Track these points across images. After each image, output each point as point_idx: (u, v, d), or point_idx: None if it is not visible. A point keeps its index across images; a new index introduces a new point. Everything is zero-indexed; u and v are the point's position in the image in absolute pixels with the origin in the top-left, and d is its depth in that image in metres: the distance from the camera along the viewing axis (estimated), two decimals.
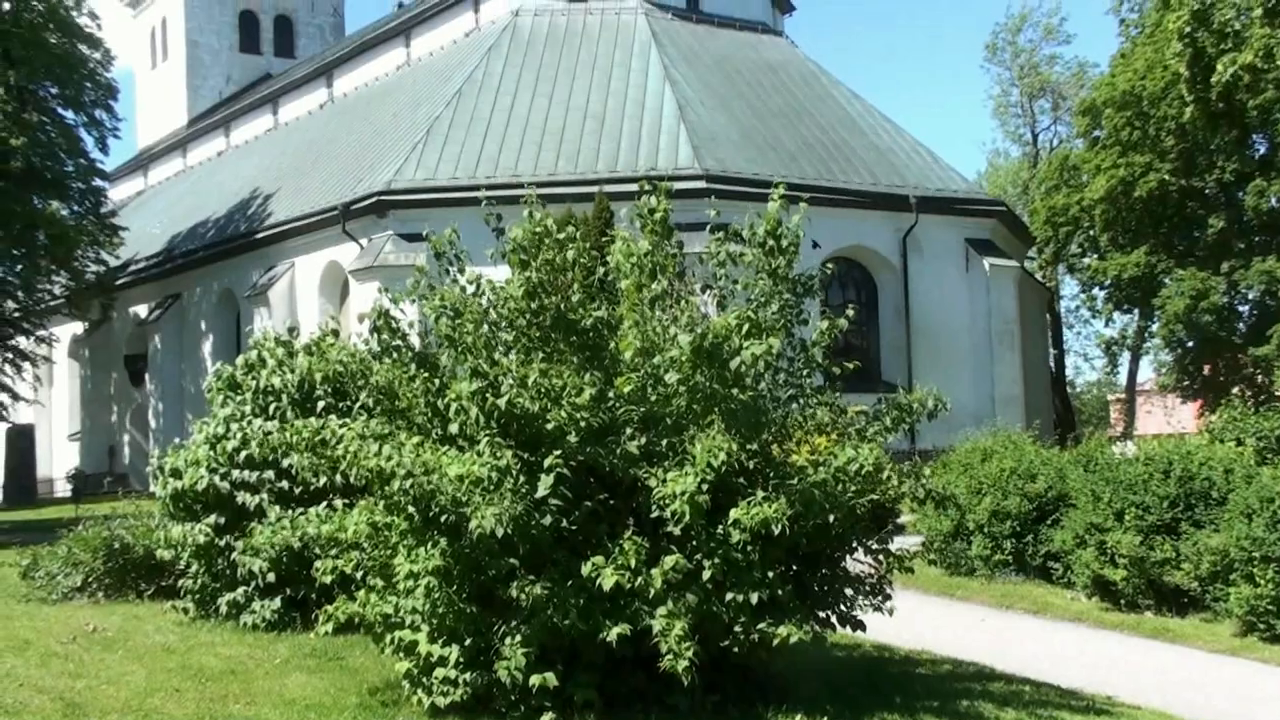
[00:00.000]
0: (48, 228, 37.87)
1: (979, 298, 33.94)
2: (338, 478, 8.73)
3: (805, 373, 9.34)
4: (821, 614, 9.16)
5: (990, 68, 55.55)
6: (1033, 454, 18.44)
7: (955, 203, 34.55)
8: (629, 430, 8.52)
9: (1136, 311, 39.61)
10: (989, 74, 54.42)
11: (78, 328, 46.20)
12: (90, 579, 14.08)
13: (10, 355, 41.20)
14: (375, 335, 9.10)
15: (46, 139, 38.86)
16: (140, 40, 64.04)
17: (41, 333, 42.60)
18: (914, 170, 34.95)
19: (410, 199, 31.22)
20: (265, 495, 11.96)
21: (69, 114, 40.27)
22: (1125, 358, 48.06)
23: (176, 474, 12.43)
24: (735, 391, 8.41)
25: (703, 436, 8.10)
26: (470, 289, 9.00)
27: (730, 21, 39.73)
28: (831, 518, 8.51)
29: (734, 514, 8.03)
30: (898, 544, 9.80)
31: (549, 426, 8.14)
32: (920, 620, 13.48)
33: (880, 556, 9.38)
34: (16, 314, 41.60)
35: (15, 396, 42.14)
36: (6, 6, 38.12)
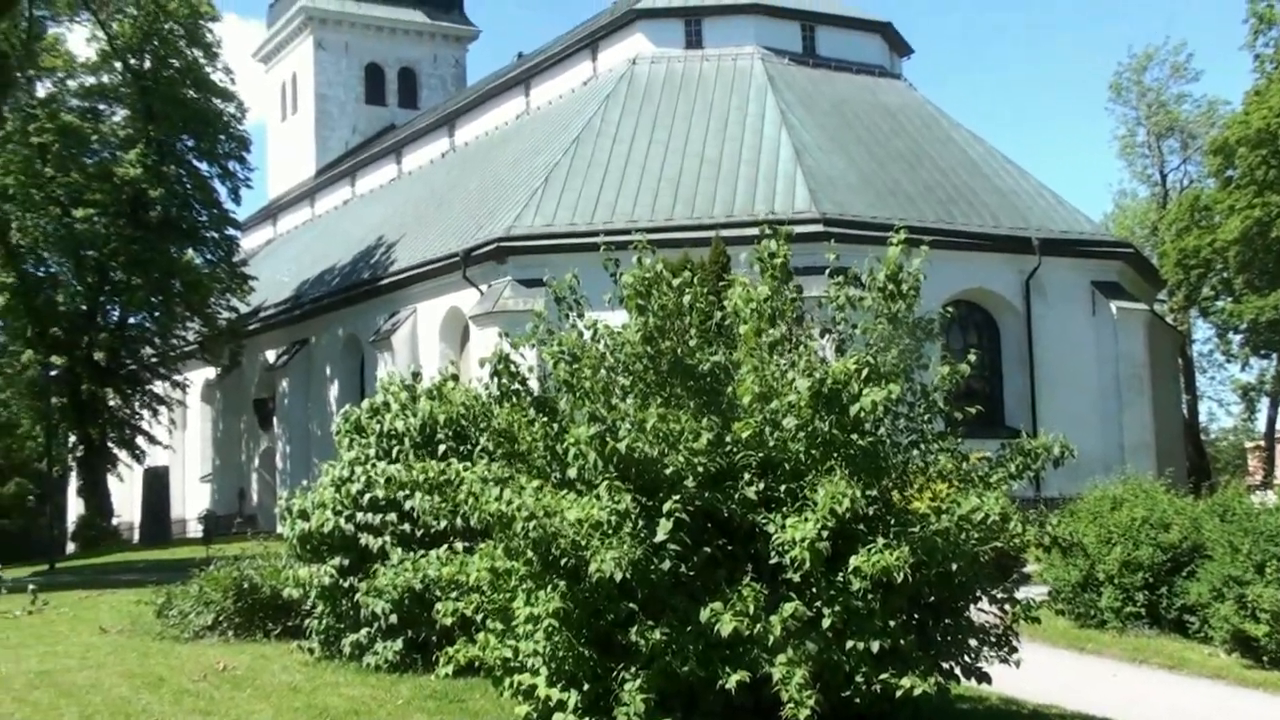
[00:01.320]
0: (183, 276, 39.34)
1: (1106, 342, 33.10)
2: (458, 520, 8.83)
3: (926, 418, 9.19)
4: (945, 665, 8.95)
5: (1115, 108, 54.46)
6: (1165, 503, 17.85)
7: (1080, 245, 33.85)
8: (747, 475, 8.46)
9: (1275, 356, 38.27)
10: (1114, 114, 53.42)
11: (210, 373, 47.63)
12: (220, 618, 14.44)
13: (147, 399, 42.71)
14: (495, 379, 9.21)
15: (183, 190, 40.46)
16: (271, 94, 66.26)
17: (176, 378, 44.16)
18: (1037, 212, 34.35)
19: (529, 245, 31.65)
20: (388, 537, 12.13)
21: (204, 166, 41.88)
22: (1264, 403, 46.42)
23: (304, 516, 12.68)
24: (855, 437, 8.31)
25: (826, 482, 8.00)
26: (588, 334, 9.06)
27: (847, 65, 39.61)
28: (955, 566, 8.33)
29: (855, 561, 7.91)
30: (1024, 594, 9.54)
31: (667, 471, 8.13)
32: (1048, 673, 13.08)
33: (1006, 606, 9.14)
34: (153, 359, 43.19)
35: (151, 440, 43.67)
36: (148, 65, 39.84)
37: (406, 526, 12.04)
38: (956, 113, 78.32)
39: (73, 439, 41.49)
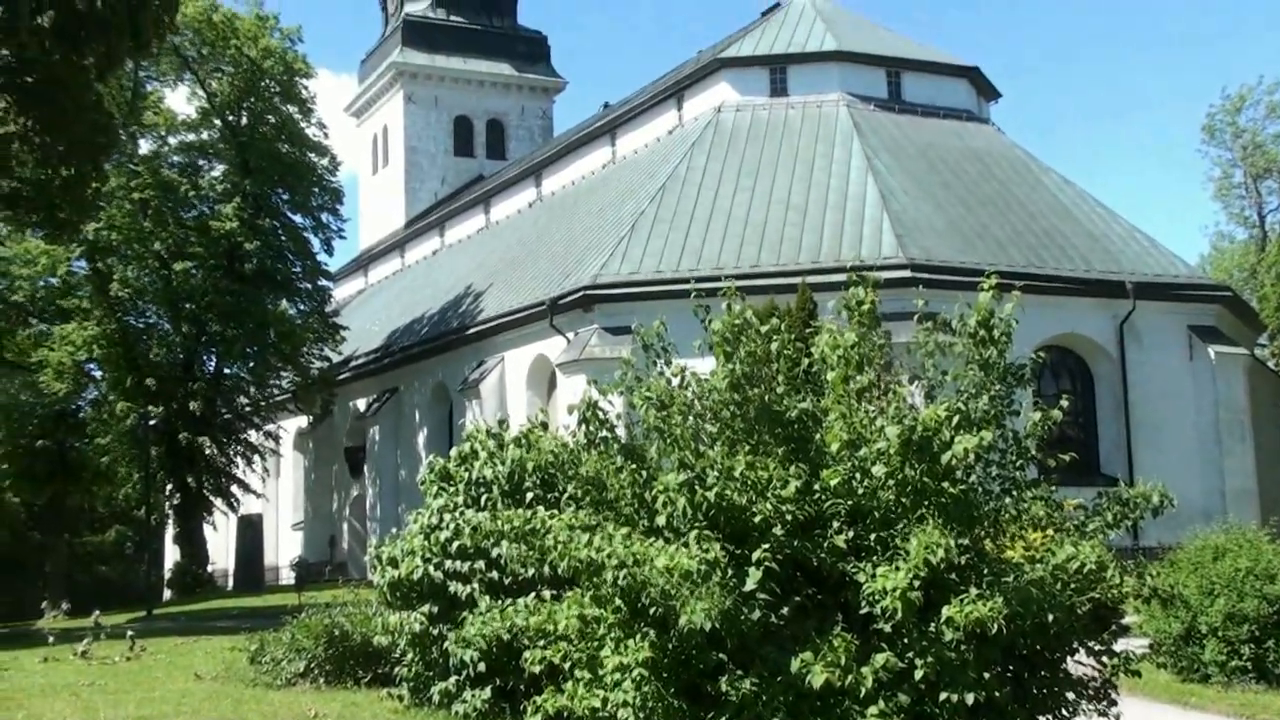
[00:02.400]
0: (277, 326, 40.12)
1: (1205, 387, 32.34)
2: (546, 568, 8.84)
3: (1018, 465, 9.04)
4: (1041, 718, 8.74)
5: (1209, 149, 53.54)
6: (1271, 553, 17.29)
7: (1176, 288, 33.18)
8: (836, 523, 8.38)
9: None
10: (1208, 156, 52.39)
11: (302, 421, 48.40)
12: (312, 665, 14.57)
13: (241, 448, 43.51)
14: (583, 427, 9.24)
15: (278, 242, 41.37)
16: (363, 147, 67.66)
17: (270, 427, 44.93)
18: (1130, 256, 33.78)
19: (615, 293, 31.82)
20: (476, 585, 12.16)
21: (298, 218, 42.78)
22: None
23: (393, 563, 12.78)
24: (946, 485, 8.20)
25: (917, 531, 7.90)
26: (676, 381, 9.07)
27: (933, 110, 39.41)
28: (1050, 617, 8.14)
29: (947, 612, 7.77)
30: (1123, 646, 9.29)
31: (755, 519, 8.08)
32: None
33: (1104, 659, 8.92)
34: (248, 409, 44.02)
35: (246, 488, 44.43)
36: (245, 121, 40.94)
37: (494, 574, 12.06)
38: (1045, 156, 77.49)
39: (169, 487, 42.33)
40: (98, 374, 43.02)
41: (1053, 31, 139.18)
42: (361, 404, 46.11)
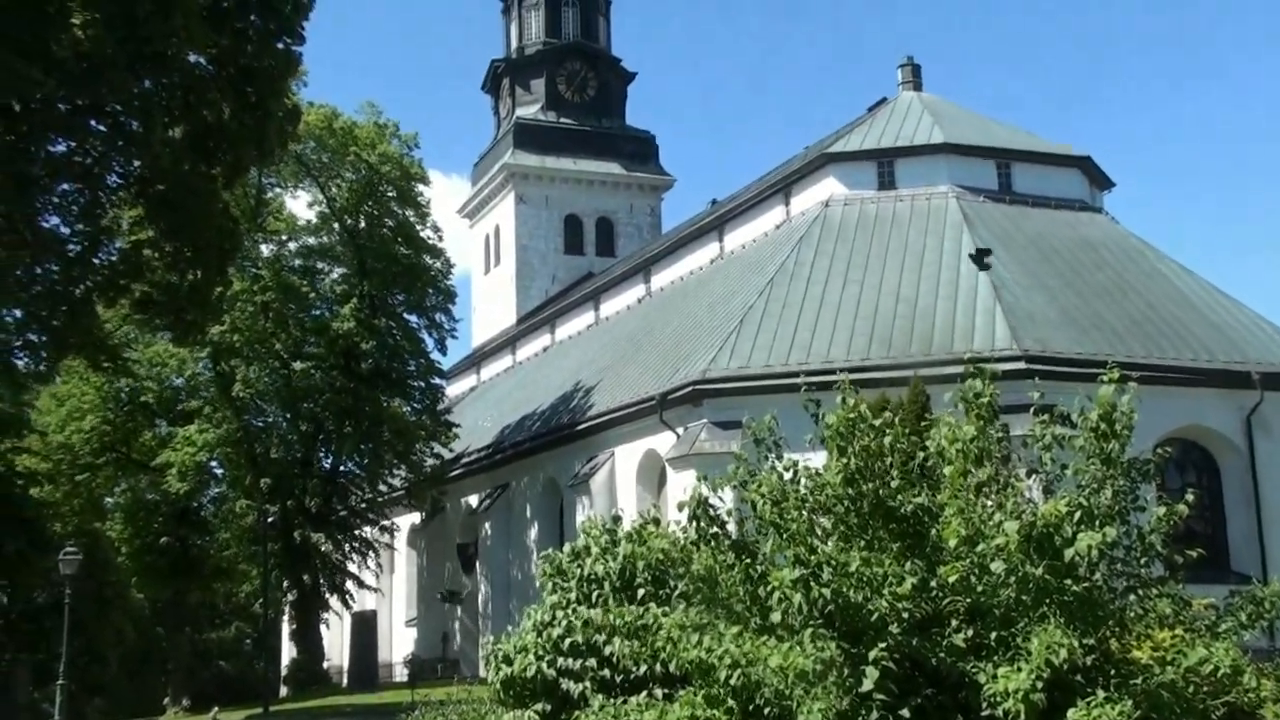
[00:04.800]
0: (392, 424, 40.84)
1: None
2: (658, 666, 8.77)
3: (1143, 562, 8.77)
4: None
5: None
6: None
7: None
8: (955, 622, 8.20)
9: None
10: None
11: (415, 517, 48.93)
12: None
13: (356, 544, 44.13)
14: (694, 523, 9.21)
15: (393, 342, 42.29)
16: (476, 247, 69.12)
17: (384, 523, 45.54)
18: (1256, 345, 32.81)
19: (725, 387, 31.80)
20: (589, 683, 12.08)
21: (413, 318, 43.73)
22: None
23: (507, 660, 12.77)
24: (1069, 583, 7.98)
25: (1040, 631, 7.69)
26: (788, 475, 9.01)
27: (1045, 200, 38.98)
28: None
29: (1073, 715, 7.52)
30: None
31: (872, 617, 7.94)
32: None
33: None
34: (362, 505, 44.71)
35: (360, 584, 44.95)
36: (363, 224, 42.20)
37: (607, 672, 11.98)
38: (1163, 244, 76.00)
39: (286, 584, 43.00)
40: (219, 472, 44.14)
41: (1169, 118, 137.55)
42: (474, 500, 46.49)
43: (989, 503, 8.49)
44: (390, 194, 42.24)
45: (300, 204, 43.00)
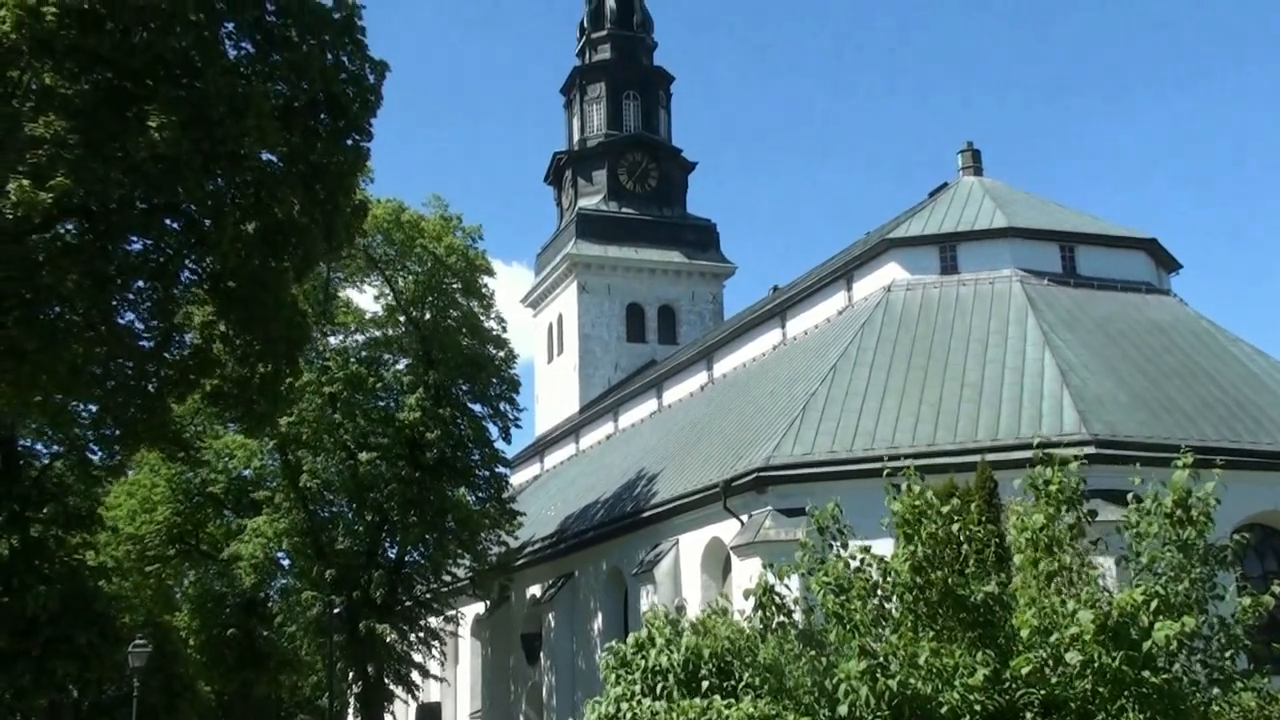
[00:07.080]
0: (456, 514, 40.94)
1: None
2: None
3: (1228, 654, 8.51)
4: None
5: None
6: None
7: None
8: (1029, 714, 7.99)
9: None
10: None
11: (479, 607, 48.77)
12: None
13: (421, 635, 44.03)
14: (759, 612, 9.10)
15: (457, 432, 42.51)
16: (539, 336, 69.71)
17: (449, 612, 45.42)
18: None
19: (789, 474, 31.55)
20: None
21: (477, 407, 43.97)
22: None
23: None
24: (1147, 674, 7.76)
25: None
26: (855, 562, 8.90)
27: (1111, 283, 38.64)
28: None
29: None
30: None
31: (942, 709, 7.77)
32: None
33: None
34: (427, 595, 44.67)
35: (425, 674, 44.76)
36: (428, 316, 42.75)
37: None
38: (1233, 325, 74.91)
39: (351, 675, 42.91)
40: (286, 563, 44.37)
41: (1235, 201, 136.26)
42: (537, 590, 46.28)
43: (1063, 592, 8.30)
44: (455, 285, 42.77)
45: (367, 297, 43.68)
